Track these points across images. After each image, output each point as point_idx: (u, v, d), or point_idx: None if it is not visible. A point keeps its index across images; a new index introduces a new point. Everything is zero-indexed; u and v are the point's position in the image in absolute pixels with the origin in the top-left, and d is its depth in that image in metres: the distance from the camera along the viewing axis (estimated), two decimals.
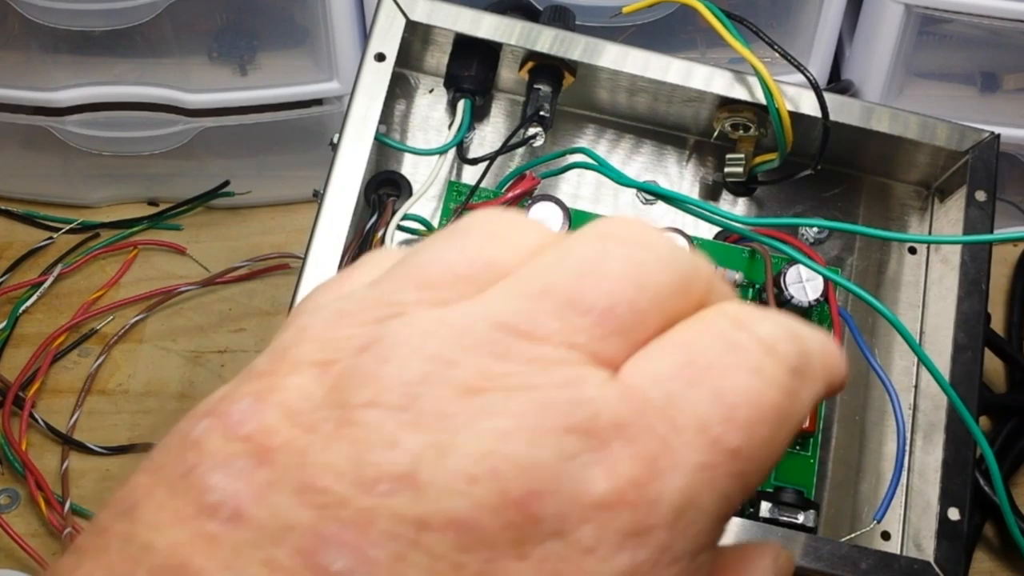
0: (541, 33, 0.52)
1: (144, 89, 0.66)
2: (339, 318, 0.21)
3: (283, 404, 0.20)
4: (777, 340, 0.21)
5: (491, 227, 0.22)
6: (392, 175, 0.53)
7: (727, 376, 0.20)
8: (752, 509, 0.49)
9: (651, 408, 0.20)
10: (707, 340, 0.20)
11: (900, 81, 0.64)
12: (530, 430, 0.19)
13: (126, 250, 0.72)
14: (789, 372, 0.20)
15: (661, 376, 0.20)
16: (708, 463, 0.19)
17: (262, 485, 0.19)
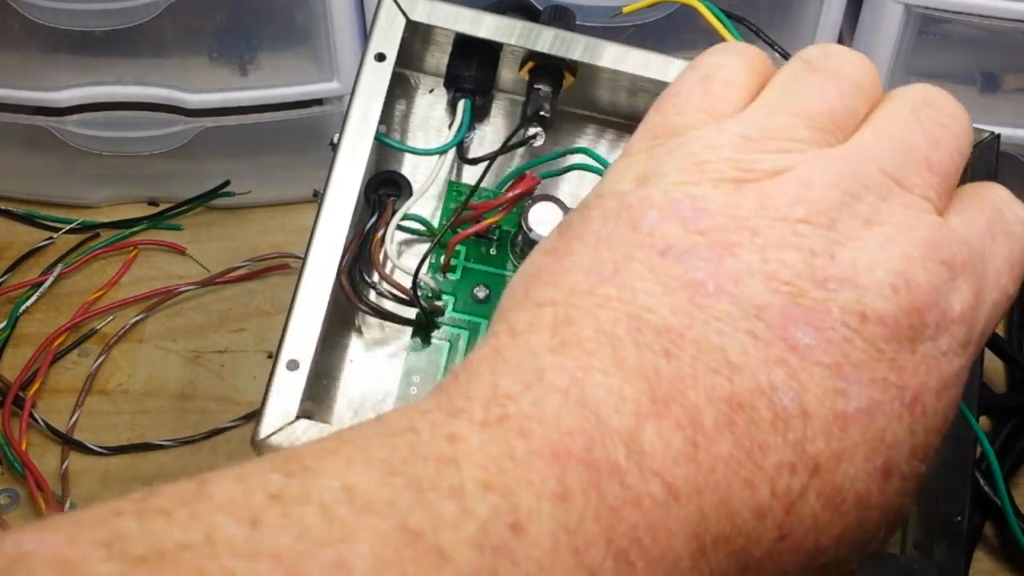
0: (541, 33, 0.52)
1: (144, 89, 0.66)
2: (746, 143, 0.26)
3: (722, 209, 0.25)
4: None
5: (846, 71, 0.28)
6: (392, 175, 0.53)
7: (1011, 239, 0.27)
8: None
9: (977, 254, 0.26)
10: (996, 208, 0.28)
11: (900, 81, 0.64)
12: (922, 259, 0.25)
13: (126, 250, 0.72)
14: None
15: (981, 231, 0.27)
16: (998, 301, 0.27)
17: (735, 271, 0.24)
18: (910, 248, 0.25)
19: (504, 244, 0.53)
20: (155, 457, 0.65)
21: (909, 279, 0.25)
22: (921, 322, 0.25)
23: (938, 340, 0.25)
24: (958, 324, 0.25)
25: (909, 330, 0.25)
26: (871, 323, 0.24)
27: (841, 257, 0.25)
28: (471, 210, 0.51)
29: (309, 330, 0.46)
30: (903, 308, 0.25)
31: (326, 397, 0.49)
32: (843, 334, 0.24)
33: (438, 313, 0.51)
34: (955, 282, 0.25)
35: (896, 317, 0.24)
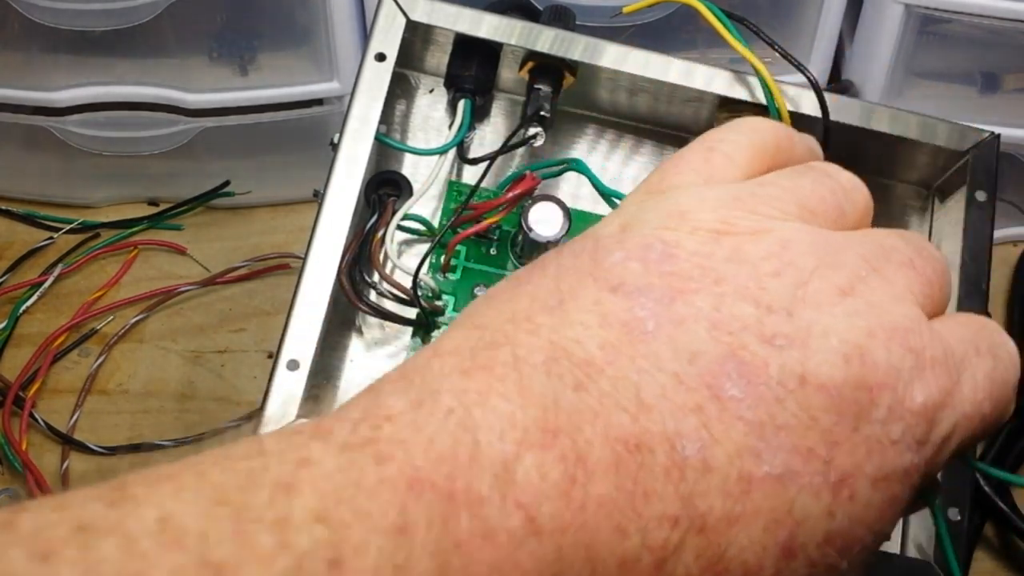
0: (541, 33, 0.52)
1: (144, 89, 0.66)
2: (734, 201, 0.26)
3: (691, 256, 0.25)
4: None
5: (843, 180, 0.30)
6: (392, 175, 0.53)
7: (996, 359, 0.27)
8: None
9: (953, 357, 0.26)
10: (987, 327, 0.28)
11: (900, 81, 0.64)
12: (887, 339, 0.24)
13: (126, 250, 0.72)
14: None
15: (963, 339, 0.27)
16: (970, 416, 0.25)
17: (681, 314, 0.23)
18: (877, 325, 0.24)
19: (504, 244, 0.53)
20: (155, 457, 0.65)
21: (865, 353, 0.24)
22: (870, 400, 0.23)
23: (888, 426, 0.24)
24: (917, 417, 0.24)
25: (854, 405, 0.23)
26: (810, 388, 0.23)
27: (800, 316, 0.24)
28: (471, 210, 0.51)
29: (309, 330, 0.46)
30: (851, 381, 0.23)
31: (326, 397, 0.49)
32: (776, 393, 0.23)
33: (438, 313, 0.51)
34: (921, 373, 0.24)
35: (840, 388, 0.23)
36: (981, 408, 0.26)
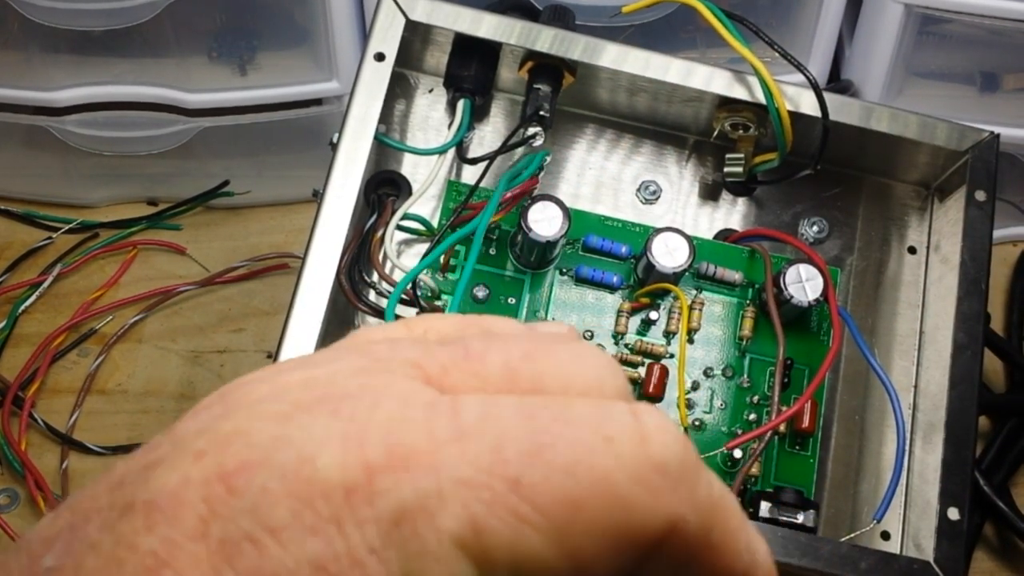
0: (541, 33, 0.52)
1: (144, 89, 0.66)
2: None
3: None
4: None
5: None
6: (392, 175, 0.53)
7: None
8: (752, 509, 0.49)
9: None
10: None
11: (900, 81, 0.64)
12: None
13: (125, 250, 0.72)
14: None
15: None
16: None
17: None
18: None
19: (503, 244, 0.53)
20: None
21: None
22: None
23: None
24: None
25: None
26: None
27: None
28: (470, 210, 0.51)
29: (308, 330, 0.46)
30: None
31: None
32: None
33: (437, 312, 0.51)
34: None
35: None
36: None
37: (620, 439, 0.20)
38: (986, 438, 0.67)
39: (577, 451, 0.19)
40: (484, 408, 0.19)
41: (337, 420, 0.19)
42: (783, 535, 0.46)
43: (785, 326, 0.51)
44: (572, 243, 0.53)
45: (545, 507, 0.19)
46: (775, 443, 0.52)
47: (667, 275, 0.51)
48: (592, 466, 0.19)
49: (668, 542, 0.20)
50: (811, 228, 0.56)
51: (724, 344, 0.53)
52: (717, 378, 0.53)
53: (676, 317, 0.52)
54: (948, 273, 0.53)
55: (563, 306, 0.53)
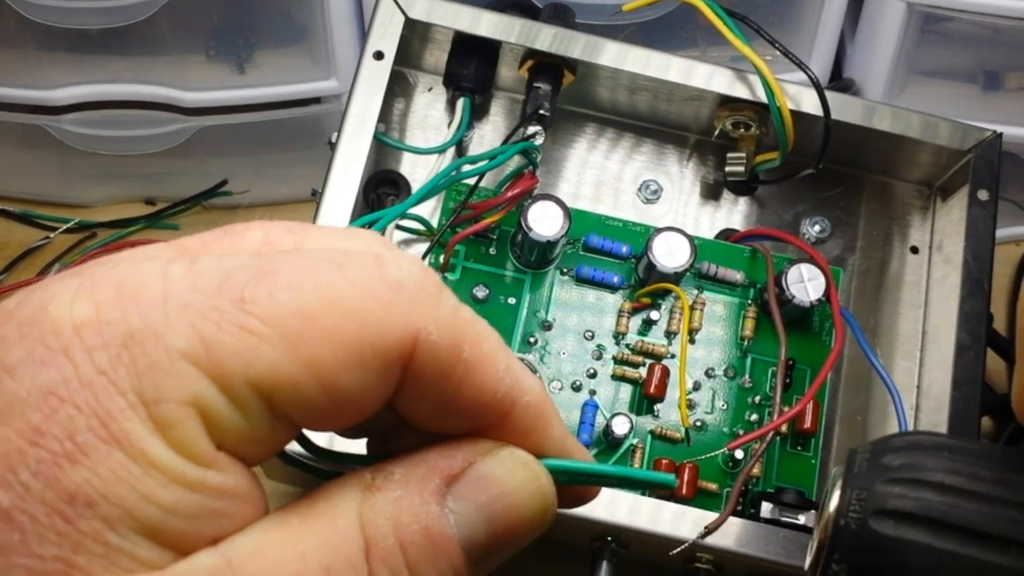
0: (541, 31, 0.51)
1: (141, 88, 0.66)
2: None
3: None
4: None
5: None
6: (391, 174, 0.53)
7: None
8: (753, 510, 0.49)
9: None
10: None
11: (902, 79, 0.64)
12: None
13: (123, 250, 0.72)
14: None
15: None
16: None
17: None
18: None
19: (503, 243, 0.53)
20: None
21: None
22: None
23: None
24: None
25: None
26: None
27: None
28: (470, 209, 0.51)
29: None
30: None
31: None
32: None
33: None
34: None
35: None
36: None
37: (352, 265, 0.21)
38: (989, 438, 0.67)
39: (304, 273, 0.20)
40: (221, 257, 0.21)
41: (76, 278, 0.20)
42: (785, 536, 0.46)
43: (787, 326, 0.51)
44: (573, 243, 0.53)
45: (272, 318, 0.20)
46: (777, 444, 0.52)
47: (668, 275, 0.51)
48: (319, 284, 0.20)
49: (417, 357, 0.21)
50: (813, 228, 0.56)
51: (726, 344, 0.53)
52: (719, 378, 0.52)
53: (677, 317, 0.52)
54: (951, 273, 0.52)
55: (563, 306, 0.53)
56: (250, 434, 0.20)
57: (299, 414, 0.20)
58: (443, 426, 0.22)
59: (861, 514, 0.25)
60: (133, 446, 0.19)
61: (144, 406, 0.19)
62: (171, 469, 0.19)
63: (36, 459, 0.19)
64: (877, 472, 0.26)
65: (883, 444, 0.27)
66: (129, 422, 0.19)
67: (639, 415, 0.51)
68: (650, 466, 0.50)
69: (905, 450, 0.26)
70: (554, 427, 0.23)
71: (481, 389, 0.22)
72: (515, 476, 0.22)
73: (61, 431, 0.19)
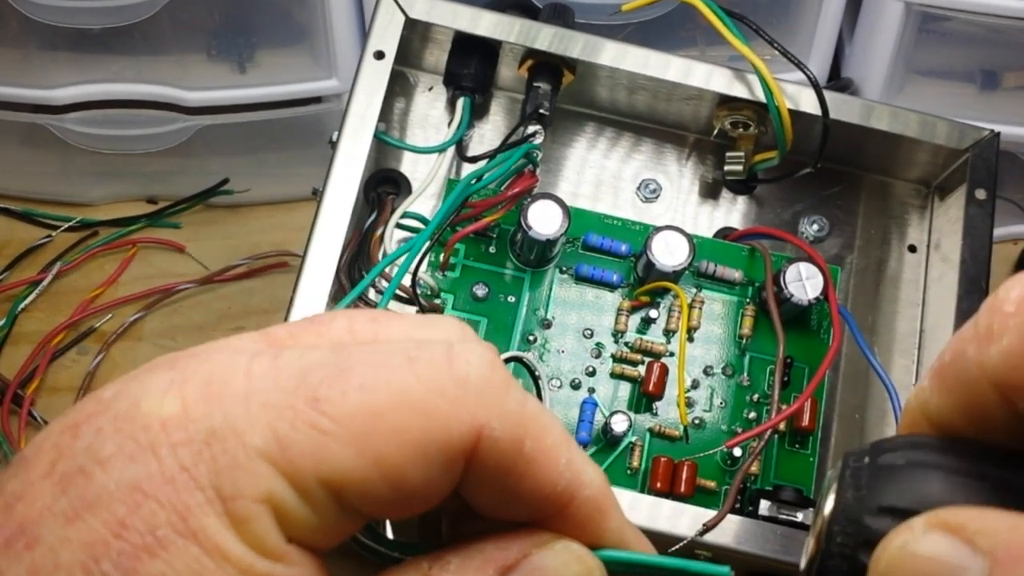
0: (540, 31, 0.52)
1: (143, 87, 0.66)
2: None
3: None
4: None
5: None
6: (391, 173, 0.53)
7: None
8: (751, 508, 0.49)
9: None
10: None
11: (900, 79, 0.64)
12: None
13: (125, 248, 0.72)
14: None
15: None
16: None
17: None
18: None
19: (503, 242, 0.53)
20: None
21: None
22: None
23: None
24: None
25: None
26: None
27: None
28: (470, 208, 0.51)
29: None
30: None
31: None
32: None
33: (437, 311, 0.51)
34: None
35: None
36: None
37: (423, 360, 0.21)
38: None
39: (377, 371, 0.21)
40: (303, 351, 0.22)
41: (170, 371, 0.21)
42: (783, 533, 0.46)
43: (785, 324, 0.51)
44: (572, 241, 0.53)
45: (343, 417, 0.21)
46: (775, 441, 0.52)
47: (667, 273, 0.51)
48: (390, 380, 0.21)
49: (480, 451, 0.21)
50: (811, 226, 0.56)
51: (724, 342, 0.53)
52: (717, 376, 0.53)
53: (676, 315, 0.52)
54: (948, 272, 0.53)
55: (563, 304, 0.53)
56: (319, 526, 0.21)
57: (367, 507, 0.21)
58: (504, 514, 0.23)
59: (850, 548, 0.25)
60: (208, 540, 0.20)
61: (221, 502, 0.20)
62: (242, 562, 0.20)
63: (118, 551, 0.20)
64: (870, 496, 0.25)
65: (876, 465, 0.26)
66: (206, 517, 0.20)
67: (638, 413, 0.52)
68: (649, 465, 0.51)
69: (902, 473, 0.26)
70: (613, 518, 0.24)
71: (541, 482, 0.22)
72: (568, 569, 0.23)
73: (143, 525, 0.20)
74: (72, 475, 0.20)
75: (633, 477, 0.51)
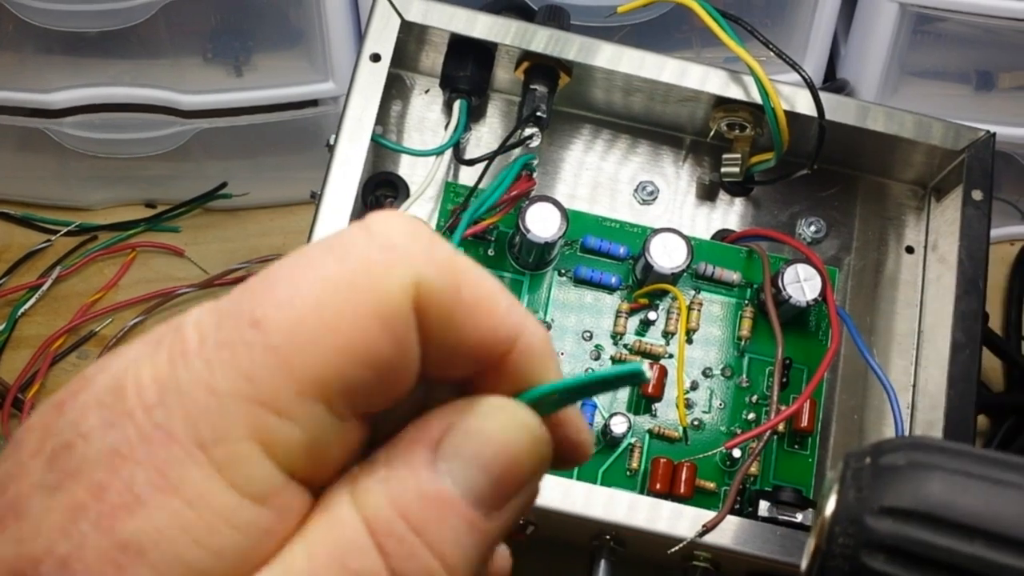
0: (536, 33, 0.52)
1: (139, 91, 0.66)
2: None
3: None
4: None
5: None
6: (389, 176, 0.53)
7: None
8: (751, 508, 0.49)
9: None
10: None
11: (895, 80, 0.64)
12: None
13: (124, 252, 0.72)
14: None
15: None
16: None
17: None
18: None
19: (501, 245, 0.53)
20: None
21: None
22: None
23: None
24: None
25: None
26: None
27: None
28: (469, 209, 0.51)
29: None
30: None
31: None
32: None
33: None
34: None
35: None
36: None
37: (341, 242, 0.22)
38: (984, 437, 0.67)
39: (303, 271, 0.21)
40: (234, 290, 0.22)
41: (148, 345, 0.22)
42: (782, 534, 0.46)
43: (783, 326, 0.51)
44: (570, 244, 0.53)
45: (289, 325, 0.21)
46: (774, 442, 0.52)
47: (665, 275, 0.51)
48: (312, 275, 0.21)
49: (421, 302, 0.21)
50: (808, 228, 0.56)
51: (723, 344, 0.53)
52: (716, 378, 0.53)
53: (675, 317, 0.52)
54: (946, 272, 0.53)
55: (562, 307, 0.53)
56: (315, 444, 0.21)
57: (354, 401, 0.21)
58: (451, 372, 0.23)
59: (852, 549, 0.25)
60: (191, 491, 0.20)
61: (202, 451, 0.20)
62: (225, 509, 0.20)
63: (97, 512, 0.20)
64: (871, 497, 0.25)
65: (877, 466, 0.26)
66: (187, 469, 0.20)
67: (637, 414, 0.52)
68: (649, 466, 0.51)
69: (902, 474, 0.25)
70: (553, 368, 0.24)
71: (483, 327, 0.22)
72: (496, 419, 0.23)
73: (122, 485, 0.20)
74: (58, 450, 0.21)
75: (632, 478, 0.51)
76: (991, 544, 0.24)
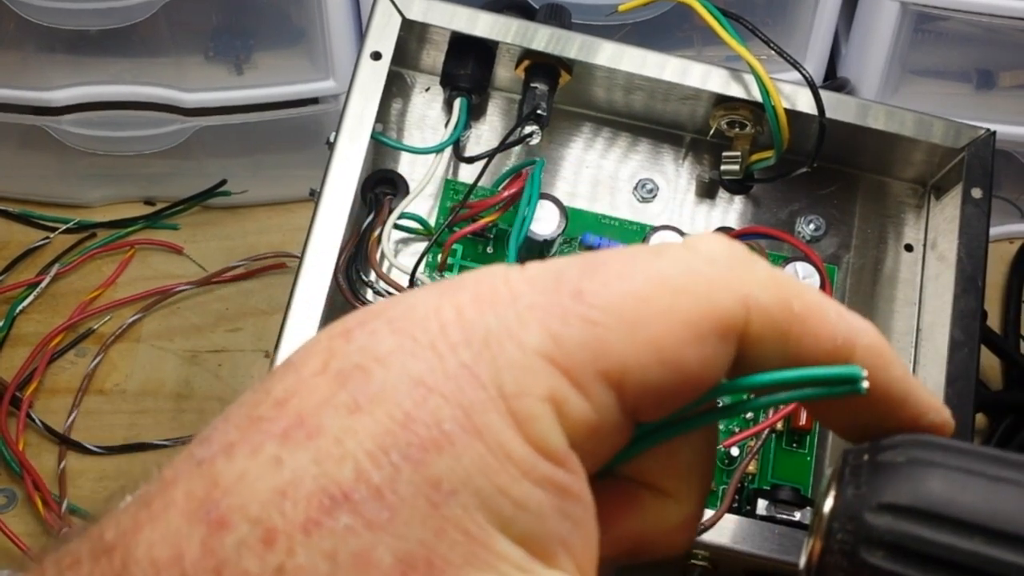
0: (537, 31, 0.52)
1: (140, 88, 0.66)
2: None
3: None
4: None
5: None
6: (389, 174, 0.53)
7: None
8: (749, 507, 0.49)
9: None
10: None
11: (896, 78, 0.65)
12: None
13: (123, 250, 0.72)
14: None
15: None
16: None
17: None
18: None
19: (501, 242, 0.53)
20: (152, 457, 0.65)
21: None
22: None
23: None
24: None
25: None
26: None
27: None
28: (468, 208, 0.51)
29: (306, 329, 0.46)
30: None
31: None
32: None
33: None
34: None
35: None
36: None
37: (668, 251, 0.22)
38: (983, 435, 0.67)
39: (630, 262, 0.22)
40: (547, 262, 0.22)
41: (438, 286, 0.22)
42: (780, 533, 0.46)
43: None
44: (569, 241, 0.54)
45: (610, 306, 0.21)
46: (772, 441, 0.52)
47: None
48: (644, 269, 0.21)
49: (752, 321, 0.22)
50: (808, 226, 0.56)
51: None
52: None
53: None
54: (945, 270, 0.53)
55: None
56: (599, 429, 0.21)
57: (645, 399, 0.21)
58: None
59: (851, 545, 0.25)
60: (493, 438, 0.20)
61: (503, 400, 0.20)
62: (525, 463, 0.20)
63: (407, 442, 0.19)
64: (870, 493, 0.25)
65: (875, 462, 0.26)
66: (489, 415, 0.20)
67: None
68: None
69: (901, 470, 0.25)
70: (896, 365, 0.24)
71: (820, 339, 0.22)
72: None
73: (430, 418, 0.20)
74: (349, 371, 0.20)
75: None
76: (990, 540, 0.24)
